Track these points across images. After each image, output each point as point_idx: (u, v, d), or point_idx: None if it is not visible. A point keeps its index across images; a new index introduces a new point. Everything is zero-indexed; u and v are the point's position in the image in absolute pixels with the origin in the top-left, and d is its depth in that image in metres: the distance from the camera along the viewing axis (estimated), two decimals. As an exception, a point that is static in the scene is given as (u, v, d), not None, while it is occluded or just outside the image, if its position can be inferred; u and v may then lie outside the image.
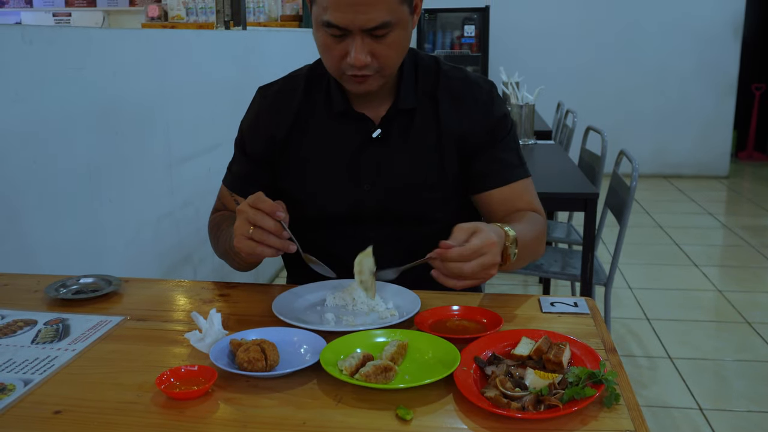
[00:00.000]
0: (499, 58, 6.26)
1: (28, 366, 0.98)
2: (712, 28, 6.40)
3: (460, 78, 1.36)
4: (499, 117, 1.35)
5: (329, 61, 1.23)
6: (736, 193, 6.20)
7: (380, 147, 1.33)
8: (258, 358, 0.92)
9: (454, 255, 1.03)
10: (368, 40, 1.17)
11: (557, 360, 0.92)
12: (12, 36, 1.69)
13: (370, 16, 1.14)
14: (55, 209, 1.85)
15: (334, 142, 1.34)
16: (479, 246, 1.04)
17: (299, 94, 1.37)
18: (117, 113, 2.15)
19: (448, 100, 1.34)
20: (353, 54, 1.17)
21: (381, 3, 1.14)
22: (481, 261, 1.04)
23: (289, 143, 1.36)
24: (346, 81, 1.25)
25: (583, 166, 3.09)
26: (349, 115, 1.33)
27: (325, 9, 1.15)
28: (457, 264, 1.04)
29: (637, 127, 6.60)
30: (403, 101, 1.31)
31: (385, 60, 1.20)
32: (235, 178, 1.42)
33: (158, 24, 4.91)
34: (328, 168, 1.34)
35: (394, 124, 1.33)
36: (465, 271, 1.04)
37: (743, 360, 2.89)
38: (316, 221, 1.36)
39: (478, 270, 1.04)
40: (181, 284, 1.33)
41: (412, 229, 1.35)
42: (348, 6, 1.13)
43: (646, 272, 4.01)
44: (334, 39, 1.18)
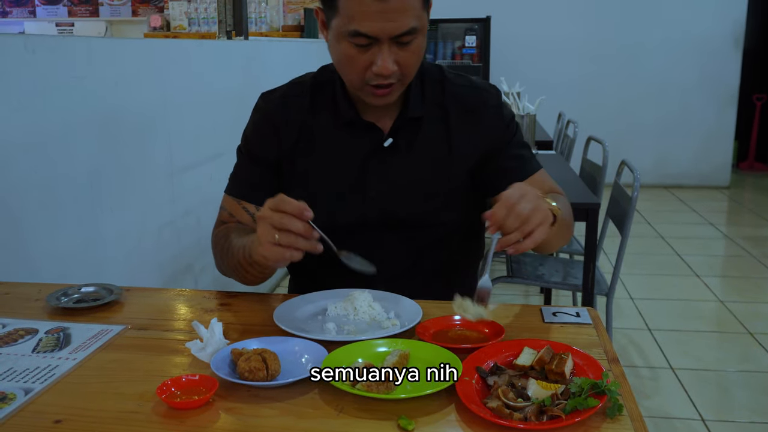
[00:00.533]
0: (500, 69, 6.27)
1: (28, 375, 0.98)
2: (713, 39, 6.41)
3: (467, 85, 1.38)
4: (509, 118, 1.38)
5: (352, 74, 1.22)
6: (738, 203, 6.20)
7: (388, 155, 1.33)
8: (259, 367, 0.92)
9: (501, 209, 1.04)
10: (394, 48, 1.18)
11: (560, 370, 0.92)
12: (15, 45, 1.70)
13: (399, 23, 1.14)
14: (57, 218, 1.85)
15: (342, 150, 1.34)
16: (512, 191, 1.05)
17: (305, 100, 1.36)
18: (118, 122, 2.16)
19: (457, 107, 1.35)
20: (380, 63, 1.17)
21: (409, 9, 1.15)
22: (527, 198, 1.04)
23: (295, 149, 1.35)
24: (367, 93, 1.24)
25: (585, 176, 3.09)
26: (358, 124, 1.33)
27: (352, 18, 1.14)
28: (512, 215, 1.03)
29: (639, 137, 6.61)
30: (413, 110, 1.32)
31: (407, 67, 1.21)
32: (242, 186, 1.39)
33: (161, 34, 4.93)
34: (335, 176, 1.34)
35: (402, 132, 1.33)
36: (522, 213, 1.03)
37: (745, 371, 2.88)
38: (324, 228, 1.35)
39: (531, 206, 1.03)
40: (183, 293, 1.33)
41: (418, 233, 1.35)
42: (377, 14, 1.13)
43: (648, 282, 4.01)
44: (359, 49, 1.18)
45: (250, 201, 1.36)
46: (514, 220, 1.03)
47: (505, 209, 1.04)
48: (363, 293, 1.18)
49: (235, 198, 1.38)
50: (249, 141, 1.40)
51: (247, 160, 1.39)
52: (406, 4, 1.14)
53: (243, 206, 1.37)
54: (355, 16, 1.14)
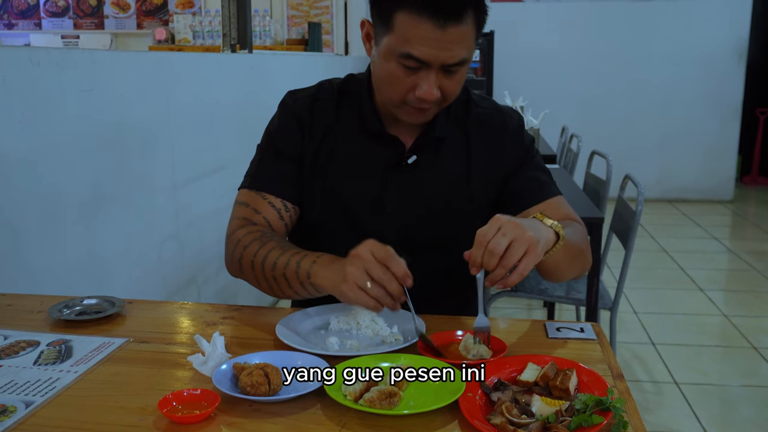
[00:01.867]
0: (504, 83, 6.29)
1: (29, 388, 0.97)
2: (716, 54, 6.43)
3: (490, 108, 1.38)
4: (530, 142, 1.39)
5: (393, 92, 1.21)
6: (741, 217, 6.19)
7: (409, 172, 1.32)
8: (261, 382, 0.92)
9: (474, 251, 1.03)
10: (440, 74, 1.18)
11: (564, 387, 0.91)
12: (20, 57, 1.71)
13: (453, 53, 1.15)
14: (59, 230, 1.85)
15: (363, 160, 1.33)
16: (486, 227, 1.04)
17: (332, 105, 1.35)
18: (122, 134, 2.16)
19: (480, 129, 1.35)
20: (425, 88, 1.17)
21: (464, 41, 1.15)
22: (501, 233, 1.02)
23: (319, 151, 1.33)
24: (405, 111, 1.24)
25: (588, 190, 3.09)
26: (382, 136, 1.32)
27: (407, 41, 1.14)
28: (487, 254, 1.01)
29: (642, 151, 6.61)
30: (439, 130, 1.31)
31: (449, 94, 1.22)
32: (267, 179, 1.33)
33: (165, 47, 4.95)
34: (354, 187, 1.32)
35: (424, 149, 1.33)
36: (496, 250, 1.01)
37: (750, 385, 2.86)
38: (331, 241, 1.35)
39: (507, 240, 1.01)
40: (185, 306, 1.33)
41: (432, 256, 1.34)
42: (435, 41, 1.13)
43: (652, 296, 3.99)
44: (406, 71, 1.18)
45: (276, 195, 1.32)
46: (489, 257, 1.02)
47: (480, 248, 1.03)
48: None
49: (258, 192, 1.33)
50: (273, 136, 1.37)
51: (272, 155, 1.36)
52: (464, 36, 1.15)
53: (268, 200, 1.32)
54: (411, 39, 1.14)
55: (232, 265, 1.31)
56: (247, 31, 3.52)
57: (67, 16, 6.73)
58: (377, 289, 1.06)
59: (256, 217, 1.32)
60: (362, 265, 1.06)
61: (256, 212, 1.32)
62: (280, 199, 1.33)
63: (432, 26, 1.12)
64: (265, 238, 1.26)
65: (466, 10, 1.13)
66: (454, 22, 1.12)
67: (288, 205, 1.33)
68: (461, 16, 1.13)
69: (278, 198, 1.33)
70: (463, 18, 1.13)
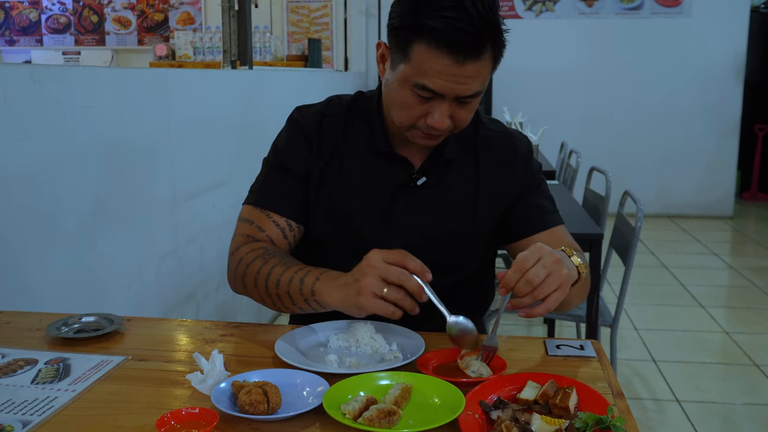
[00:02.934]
0: (503, 99, 6.32)
1: (27, 407, 0.97)
2: (715, 70, 6.46)
3: (500, 131, 1.38)
4: (538, 168, 1.39)
5: (404, 117, 1.21)
6: (741, 233, 6.19)
7: (416, 193, 1.32)
8: (260, 400, 0.91)
9: (511, 273, 1.02)
10: (453, 105, 1.18)
11: (564, 405, 0.91)
12: (21, 75, 1.72)
13: (468, 87, 1.15)
14: (59, 246, 1.85)
15: (371, 180, 1.32)
16: (529, 253, 1.03)
17: (341, 122, 1.35)
18: (123, 151, 2.17)
19: (489, 153, 1.35)
20: (437, 117, 1.17)
21: (480, 75, 1.15)
22: (541, 264, 1.02)
23: (326, 168, 1.32)
24: (415, 135, 1.24)
25: (588, 206, 3.09)
26: (391, 156, 1.32)
27: (423, 73, 1.14)
28: (523, 280, 1.01)
29: (641, 167, 6.62)
30: (448, 153, 1.31)
31: (461, 122, 1.22)
32: (272, 197, 1.33)
33: (166, 63, 4.97)
34: (360, 205, 1.32)
35: (433, 171, 1.32)
36: (534, 279, 1.01)
37: (752, 404, 2.85)
38: (336, 258, 1.34)
39: (545, 272, 1.01)
40: (184, 323, 1.32)
41: (437, 276, 1.33)
42: (451, 76, 1.13)
43: (652, 313, 3.98)
44: (419, 99, 1.17)
45: (280, 213, 1.32)
46: (524, 285, 1.02)
47: (518, 273, 1.02)
48: (365, 324, 1.18)
49: (263, 210, 1.33)
50: (280, 152, 1.36)
51: (278, 171, 1.35)
52: (481, 71, 1.15)
53: (273, 219, 1.32)
54: (428, 72, 1.13)
55: (236, 282, 1.30)
56: (247, 48, 3.54)
57: (69, 32, 6.77)
58: (395, 293, 1.06)
59: (260, 234, 1.32)
60: (376, 273, 1.06)
61: (260, 230, 1.32)
62: (284, 218, 1.32)
63: (450, 61, 1.11)
64: (267, 254, 1.26)
65: (486, 47, 1.13)
66: (473, 58, 1.12)
67: (292, 224, 1.33)
68: (480, 52, 1.12)
69: (283, 217, 1.32)
70: (481, 54, 1.12)
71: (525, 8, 6.59)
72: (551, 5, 6.56)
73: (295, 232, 1.34)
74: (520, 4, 6.59)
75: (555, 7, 6.56)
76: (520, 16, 6.61)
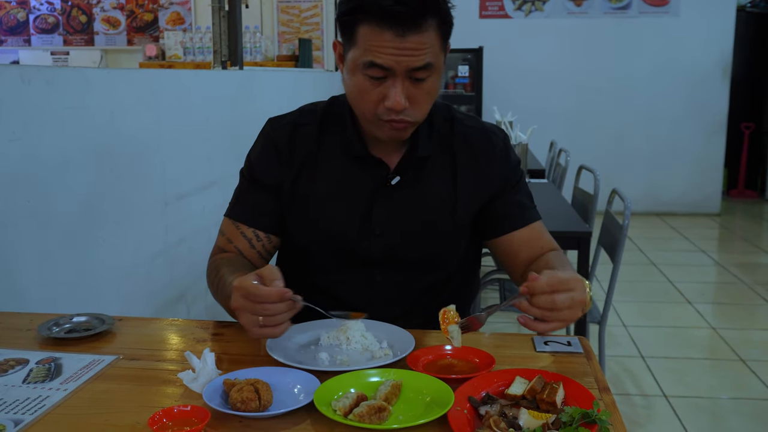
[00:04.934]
0: (493, 98, 6.34)
1: (18, 406, 0.97)
2: (701, 69, 6.51)
3: (476, 126, 1.39)
4: (515, 163, 1.39)
5: (364, 106, 1.22)
6: (729, 230, 6.24)
7: (394, 193, 1.32)
8: (251, 398, 0.92)
9: (543, 284, 1.02)
10: (408, 83, 1.18)
11: (551, 400, 0.92)
12: (10, 76, 1.71)
13: (415, 58, 1.16)
14: (49, 248, 1.85)
15: (347, 185, 1.33)
16: (567, 278, 1.04)
17: (314, 130, 1.35)
18: (113, 152, 2.17)
19: (465, 149, 1.35)
20: (393, 96, 1.18)
21: (426, 47, 1.16)
22: (571, 295, 1.03)
23: (298, 179, 1.34)
24: (381, 127, 1.24)
25: (576, 204, 3.11)
26: (366, 159, 1.32)
27: (369, 50, 1.16)
28: (548, 297, 1.02)
29: (629, 166, 6.67)
30: (421, 149, 1.31)
31: (420, 106, 1.22)
32: (242, 209, 1.37)
33: (156, 63, 4.96)
34: (339, 211, 1.33)
35: (409, 170, 1.33)
36: (557, 303, 1.02)
37: (738, 398, 2.88)
38: (321, 264, 1.36)
39: (567, 304, 1.02)
40: (175, 323, 1.33)
41: (420, 275, 1.35)
42: (396, 49, 1.14)
43: (640, 310, 4.01)
44: (372, 82, 1.18)
45: (249, 225, 1.35)
46: (546, 302, 1.02)
47: (549, 288, 1.02)
48: (356, 322, 1.19)
49: (234, 221, 1.37)
50: (252, 165, 1.38)
51: (249, 184, 1.38)
52: (426, 43, 1.16)
53: (241, 230, 1.35)
54: (372, 48, 1.15)
55: (214, 297, 1.34)
56: (237, 48, 3.54)
57: (57, 32, 6.74)
58: (270, 319, 1.04)
59: (229, 246, 1.36)
60: (245, 312, 1.05)
61: (230, 242, 1.37)
62: (252, 229, 1.35)
63: (392, 35, 1.14)
64: (221, 265, 1.30)
65: (425, 18, 1.15)
66: (414, 31, 1.14)
67: (260, 235, 1.35)
68: (420, 24, 1.14)
69: (250, 228, 1.35)
70: (422, 26, 1.15)
71: (514, 8, 6.62)
72: (540, 5, 6.59)
73: (264, 242, 1.36)
74: (509, 3, 6.61)
75: (544, 6, 6.59)
76: (510, 15, 6.64)
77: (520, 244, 1.35)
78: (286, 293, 1.04)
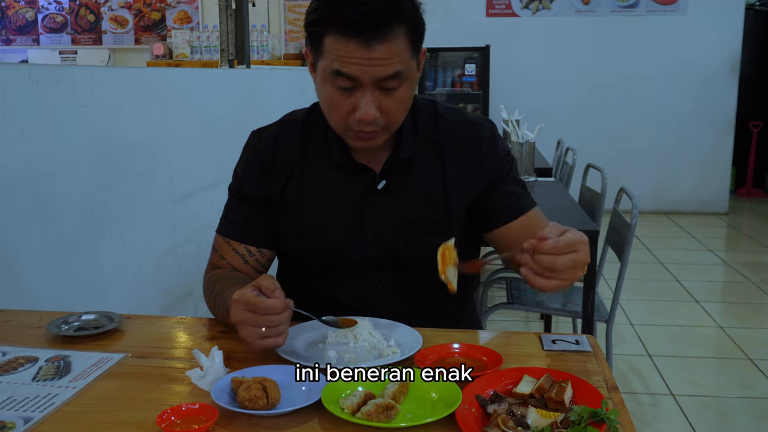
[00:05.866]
0: (500, 96, 6.33)
1: (28, 404, 0.98)
2: (710, 67, 6.48)
3: (461, 120, 1.36)
4: (504, 154, 1.37)
5: (335, 118, 1.21)
6: (736, 229, 6.21)
7: (382, 196, 1.31)
8: (259, 396, 0.92)
9: (549, 246, 1.01)
10: (377, 93, 1.16)
11: (559, 399, 0.92)
12: (19, 75, 1.72)
13: (383, 68, 1.13)
14: (57, 246, 1.86)
15: (334, 192, 1.32)
16: (573, 241, 1.03)
17: (296, 140, 1.34)
18: (121, 150, 2.18)
19: (451, 144, 1.33)
20: (363, 108, 1.15)
21: (394, 56, 1.14)
22: (573, 257, 1.02)
23: (286, 189, 1.33)
24: (351, 137, 1.23)
25: (584, 203, 3.10)
26: (350, 166, 1.31)
27: (336, 60, 1.13)
28: (550, 257, 1.01)
29: (637, 164, 6.64)
30: (405, 150, 1.30)
31: (392, 116, 1.20)
32: (232, 226, 1.37)
33: (163, 62, 4.98)
34: (329, 219, 1.32)
35: (395, 172, 1.32)
36: (557, 265, 1.01)
37: (746, 397, 2.87)
38: (319, 271, 1.35)
39: (569, 266, 1.02)
40: (183, 321, 1.34)
41: (417, 275, 1.34)
42: (362, 59, 1.12)
43: (648, 308, 4.00)
44: (342, 93, 1.17)
45: (240, 241, 1.35)
46: (547, 261, 1.01)
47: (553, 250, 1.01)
48: (363, 320, 1.19)
49: (224, 238, 1.37)
50: (238, 181, 1.38)
51: (237, 199, 1.38)
52: (393, 52, 1.13)
53: (232, 247, 1.35)
54: (339, 58, 1.13)
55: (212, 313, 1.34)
56: (244, 47, 3.54)
57: (65, 31, 6.76)
58: (272, 330, 1.05)
59: (222, 262, 1.37)
60: (246, 326, 1.06)
61: (222, 258, 1.37)
62: (243, 245, 1.35)
63: (357, 45, 1.11)
64: (216, 281, 1.31)
65: (392, 26, 1.12)
66: (380, 39, 1.11)
67: (252, 250, 1.35)
68: (386, 33, 1.12)
69: (242, 244, 1.35)
70: (388, 34, 1.12)
71: (522, 6, 6.60)
72: (548, 3, 6.57)
73: (257, 256, 1.36)
74: (516, 2, 6.60)
75: (551, 5, 6.57)
76: (517, 14, 6.62)
77: (518, 233, 1.33)
78: (289, 303, 1.06)
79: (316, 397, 0.95)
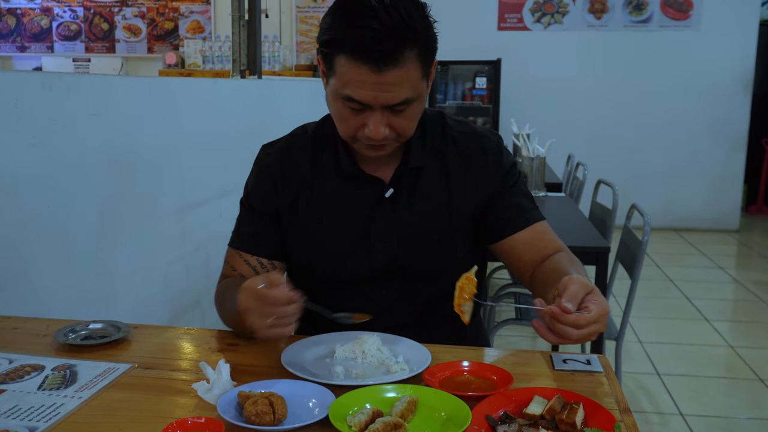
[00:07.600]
0: (510, 110, 6.32)
1: (33, 413, 0.97)
2: (722, 84, 6.45)
3: (468, 132, 1.37)
4: (510, 166, 1.37)
5: (344, 130, 1.23)
6: (747, 247, 6.16)
7: (390, 206, 1.32)
8: (266, 411, 0.91)
9: (570, 321, 1.00)
10: (387, 113, 1.17)
11: (570, 420, 0.91)
12: (33, 82, 1.73)
13: (393, 94, 1.14)
14: (67, 253, 1.86)
15: (345, 203, 1.33)
16: (596, 316, 1.01)
17: (306, 153, 1.36)
18: (131, 158, 2.18)
19: (457, 154, 1.34)
20: (371, 127, 1.17)
21: (405, 82, 1.14)
22: (590, 329, 1.01)
23: (296, 202, 1.34)
24: (361, 147, 1.25)
25: (594, 219, 3.08)
26: (359, 177, 1.32)
27: (347, 84, 1.14)
28: (569, 329, 1.00)
29: (648, 181, 6.61)
30: (413, 160, 1.31)
31: (402, 130, 1.21)
32: (244, 238, 1.38)
33: (175, 71, 5.01)
34: (339, 230, 1.33)
35: (403, 182, 1.32)
36: (572, 336, 1.00)
37: (756, 417, 2.83)
38: (327, 282, 1.35)
39: (585, 337, 1.01)
40: (190, 332, 1.33)
41: (423, 286, 1.34)
42: (373, 85, 1.13)
43: (657, 326, 3.97)
44: (352, 111, 1.18)
45: (252, 253, 1.36)
46: (564, 333, 1.00)
47: (573, 324, 0.99)
48: (372, 336, 1.18)
49: (236, 250, 1.38)
50: (250, 194, 1.39)
51: (249, 212, 1.39)
52: (404, 77, 1.13)
53: (244, 259, 1.36)
54: (350, 82, 1.14)
55: (222, 320, 1.35)
56: (256, 57, 3.56)
57: (79, 39, 6.82)
58: (280, 319, 1.06)
59: (233, 273, 1.38)
60: (253, 314, 1.07)
61: (234, 269, 1.38)
62: (255, 257, 1.36)
63: (368, 71, 1.11)
64: (227, 286, 1.32)
65: (403, 53, 1.12)
66: (391, 66, 1.11)
67: (264, 262, 1.36)
68: (397, 59, 1.11)
69: (253, 256, 1.36)
70: (399, 61, 1.11)
71: (533, 20, 6.61)
72: (560, 18, 6.58)
73: (268, 267, 1.37)
74: (528, 16, 6.60)
75: (563, 19, 6.57)
76: (529, 28, 6.63)
77: (523, 246, 1.33)
78: (295, 296, 1.06)
79: (323, 413, 0.93)
